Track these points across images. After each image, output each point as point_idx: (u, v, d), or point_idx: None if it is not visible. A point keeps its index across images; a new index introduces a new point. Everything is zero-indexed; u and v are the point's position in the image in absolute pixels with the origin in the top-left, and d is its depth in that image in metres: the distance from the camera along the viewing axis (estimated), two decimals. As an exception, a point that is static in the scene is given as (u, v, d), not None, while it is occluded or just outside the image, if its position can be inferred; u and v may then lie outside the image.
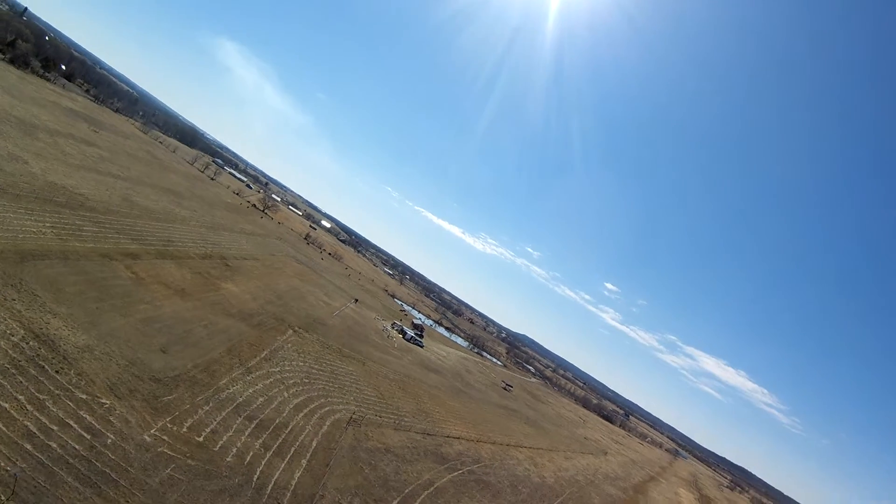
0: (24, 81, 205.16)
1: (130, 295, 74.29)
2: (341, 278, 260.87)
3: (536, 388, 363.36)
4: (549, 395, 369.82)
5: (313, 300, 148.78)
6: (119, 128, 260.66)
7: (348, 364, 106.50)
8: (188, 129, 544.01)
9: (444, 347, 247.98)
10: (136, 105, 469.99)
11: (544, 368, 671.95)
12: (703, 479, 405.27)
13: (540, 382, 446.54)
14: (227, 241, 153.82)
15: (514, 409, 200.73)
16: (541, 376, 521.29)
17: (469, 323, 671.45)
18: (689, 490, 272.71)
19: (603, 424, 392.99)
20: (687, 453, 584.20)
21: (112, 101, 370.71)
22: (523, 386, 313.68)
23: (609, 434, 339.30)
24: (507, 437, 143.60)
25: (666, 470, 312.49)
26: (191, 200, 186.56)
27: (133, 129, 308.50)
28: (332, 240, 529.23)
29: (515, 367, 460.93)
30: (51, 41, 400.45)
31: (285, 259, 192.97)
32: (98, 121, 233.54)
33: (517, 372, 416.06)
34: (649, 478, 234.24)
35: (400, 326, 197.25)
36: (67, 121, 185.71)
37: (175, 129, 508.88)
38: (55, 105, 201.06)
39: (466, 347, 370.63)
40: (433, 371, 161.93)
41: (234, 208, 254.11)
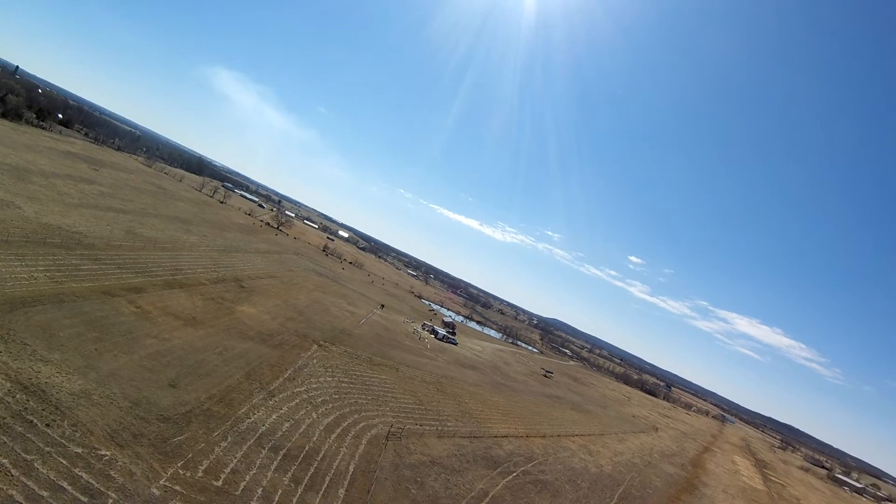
0: (17, 132, 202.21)
1: (134, 331, 68.32)
2: (365, 286, 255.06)
3: (576, 371, 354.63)
4: (589, 376, 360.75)
5: (337, 311, 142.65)
6: (121, 164, 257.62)
7: (381, 372, 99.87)
8: (194, 159, 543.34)
9: (478, 342, 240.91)
10: (138, 142, 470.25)
11: (580, 350, 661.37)
12: (755, 443, 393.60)
13: (578, 365, 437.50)
14: (240, 262, 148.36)
15: (558, 395, 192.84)
16: (578, 358, 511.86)
17: (499, 314, 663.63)
18: (744, 456, 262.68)
19: (648, 399, 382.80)
20: (733, 418, 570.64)
21: (112, 141, 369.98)
22: (563, 370, 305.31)
23: (655, 408, 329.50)
24: (556, 427, 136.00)
25: (717, 438, 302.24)
26: (199, 226, 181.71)
27: (136, 163, 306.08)
28: (352, 249, 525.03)
29: (552, 352, 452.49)
30: (44, 93, 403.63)
31: (304, 273, 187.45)
32: (98, 160, 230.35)
33: (554, 357, 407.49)
34: (703, 449, 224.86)
35: (431, 327, 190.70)
36: (65, 163, 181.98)
37: (181, 160, 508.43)
38: (52, 150, 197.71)
39: (500, 339, 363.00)
40: (470, 368, 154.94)
41: (247, 229, 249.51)
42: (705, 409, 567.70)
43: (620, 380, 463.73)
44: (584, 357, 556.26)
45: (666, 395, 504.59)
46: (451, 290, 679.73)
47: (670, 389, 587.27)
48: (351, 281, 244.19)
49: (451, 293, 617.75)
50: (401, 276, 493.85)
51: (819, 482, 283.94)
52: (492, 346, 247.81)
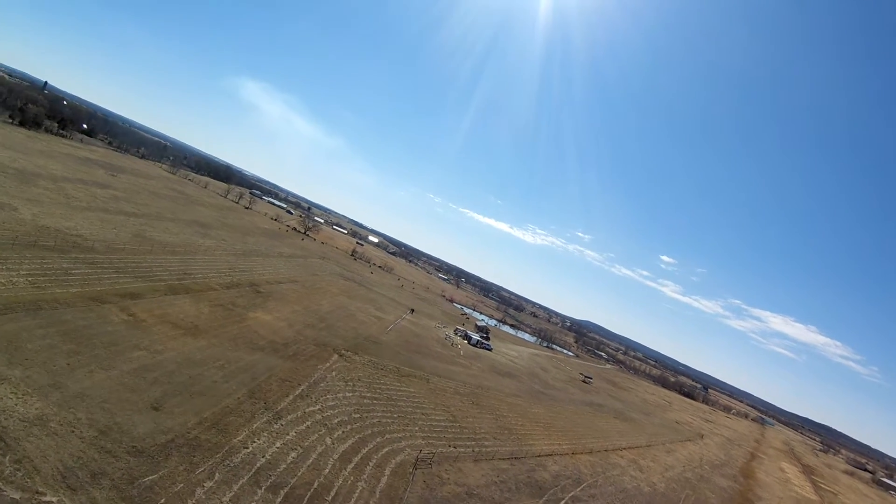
0: (32, 139, 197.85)
1: (119, 342, 58.73)
2: (394, 290, 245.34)
3: (614, 374, 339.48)
4: (627, 380, 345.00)
5: (363, 317, 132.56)
6: (142, 171, 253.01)
7: (409, 384, 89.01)
8: (221, 167, 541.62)
9: (513, 347, 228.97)
10: (165, 151, 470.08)
11: (615, 352, 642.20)
12: (797, 447, 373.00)
13: (615, 368, 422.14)
14: (259, 266, 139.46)
15: (600, 403, 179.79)
16: (614, 361, 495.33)
17: (532, 317, 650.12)
18: (791, 462, 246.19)
19: (687, 403, 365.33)
20: (772, 420, 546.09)
21: (137, 150, 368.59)
22: (600, 374, 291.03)
23: (696, 413, 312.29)
24: (602, 439, 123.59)
25: (761, 443, 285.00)
26: (220, 230, 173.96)
27: (160, 171, 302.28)
28: (382, 253, 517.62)
29: (587, 355, 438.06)
30: (69, 105, 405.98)
31: (329, 277, 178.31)
32: (118, 166, 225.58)
33: (590, 360, 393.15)
34: (750, 456, 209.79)
35: (464, 332, 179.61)
36: (80, 168, 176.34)
37: (208, 169, 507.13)
38: (69, 156, 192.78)
39: (535, 343, 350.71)
40: (507, 375, 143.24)
41: (272, 233, 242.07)
42: (744, 411, 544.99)
43: (658, 383, 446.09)
44: (619, 360, 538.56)
45: (704, 397, 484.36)
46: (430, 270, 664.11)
47: (707, 391, 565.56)
48: (379, 285, 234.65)
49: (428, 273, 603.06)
50: (432, 280, 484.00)
51: (866, 487, 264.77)
52: (528, 351, 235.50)
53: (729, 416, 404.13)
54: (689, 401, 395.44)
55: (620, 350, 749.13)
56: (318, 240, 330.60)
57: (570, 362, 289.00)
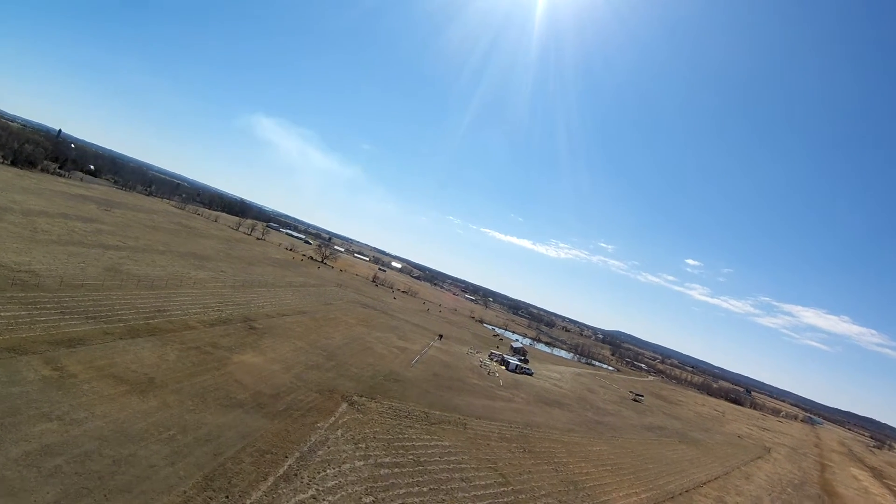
0: (21, 177, 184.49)
1: (23, 410, 40.12)
2: (419, 315, 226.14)
3: (659, 387, 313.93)
4: (674, 392, 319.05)
5: (383, 349, 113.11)
6: (144, 206, 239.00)
7: (441, 435, 68.80)
8: (236, 202, 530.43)
9: (553, 367, 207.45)
10: (177, 189, 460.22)
11: (653, 362, 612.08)
12: (853, 446, 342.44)
13: (657, 379, 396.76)
14: (260, 298, 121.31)
15: (659, 425, 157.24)
16: (654, 371, 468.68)
17: (564, 332, 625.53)
18: (857, 466, 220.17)
19: (738, 411, 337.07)
20: (820, 419, 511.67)
21: (146, 188, 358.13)
22: (647, 388, 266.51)
23: (750, 421, 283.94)
24: (678, 475, 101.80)
25: (821, 447, 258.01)
26: (220, 262, 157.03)
27: (167, 206, 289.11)
28: (405, 278, 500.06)
29: (628, 368, 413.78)
30: (76, 148, 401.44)
31: (346, 306, 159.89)
32: (117, 202, 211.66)
33: (631, 373, 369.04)
34: (821, 466, 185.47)
35: (499, 356, 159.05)
36: (68, 203, 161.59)
37: (221, 204, 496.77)
38: (59, 193, 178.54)
39: (573, 360, 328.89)
40: (555, 405, 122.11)
41: (283, 263, 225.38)
42: (792, 413, 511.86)
43: (702, 391, 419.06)
44: (659, 370, 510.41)
45: (752, 402, 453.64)
46: (457, 291, 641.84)
47: (750, 395, 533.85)
48: (403, 311, 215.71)
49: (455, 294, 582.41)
50: (458, 302, 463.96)
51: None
52: (569, 371, 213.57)
53: (780, 420, 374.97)
54: (738, 408, 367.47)
55: (657, 359, 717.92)
56: (336, 268, 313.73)
57: (614, 378, 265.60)
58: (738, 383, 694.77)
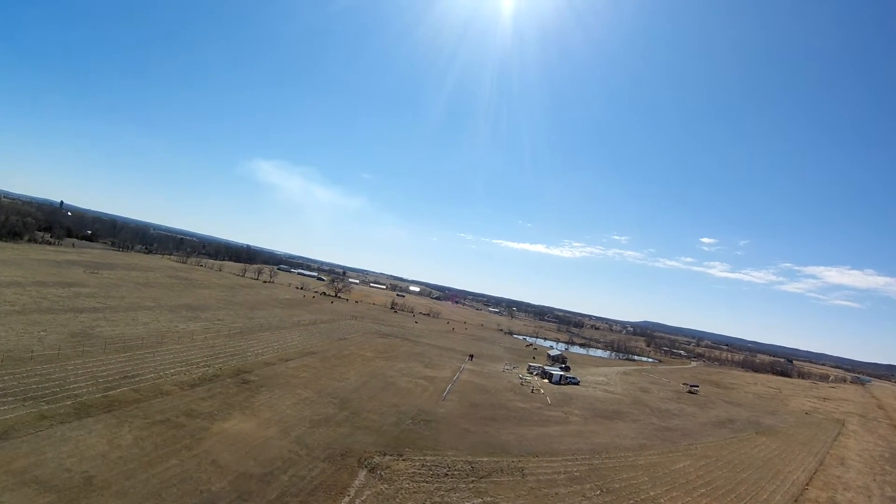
0: (2, 249, 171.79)
1: None
2: (444, 336, 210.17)
3: (706, 373, 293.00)
4: (721, 374, 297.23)
5: (407, 382, 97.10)
6: (140, 264, 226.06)
7: (496, 493, 52.05)
8: (242, 249, 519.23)
9: (595, 370, 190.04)
10: (181, 244, 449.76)
11: (687, 346, 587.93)
12: None
13: (699, 363, 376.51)
14: (261, 344, 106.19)
15: (728, 418, 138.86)
16: (693, 357, 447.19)
17: (594, 330, 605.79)
18: None
19: (791, 384, 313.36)
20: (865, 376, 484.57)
21: (148, 246, 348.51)
22: (695, 376, 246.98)
23: (806, 392, 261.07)
24: (775, 479, 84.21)
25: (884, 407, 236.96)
26: (218, 310, 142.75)
27: (167, 262, 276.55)
28: (426, 301, 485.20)
29: (668, 357, 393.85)
30: (74, 215, 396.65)
31: (362, 338, 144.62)
32: (108, 264, 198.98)
33: (672, 362, 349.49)
34: None
35: (539, 368, 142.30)
36: (49, 270, 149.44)
37: (227, 253, 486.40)
38: (43, 262, 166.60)
39: (611, 358, 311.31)
40: (616, 417, 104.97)
41: (292, 303, 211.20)
42: (840, 376, 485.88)
43: (746, 368, 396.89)
44: (697, 354, 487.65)
45: (799, 373, 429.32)
46: (452, 299, 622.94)
47: (791, 364, 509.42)
48: (427, 334, 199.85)
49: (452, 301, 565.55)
50: (483, 316, 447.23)
51: None
52: (613, 372, 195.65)
53: (833, 386, 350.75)
54: (788, 380, 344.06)
55: (692, 342, 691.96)
56: (351, 300, 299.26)
57: (659, 371, 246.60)
58: (776, 354, 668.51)
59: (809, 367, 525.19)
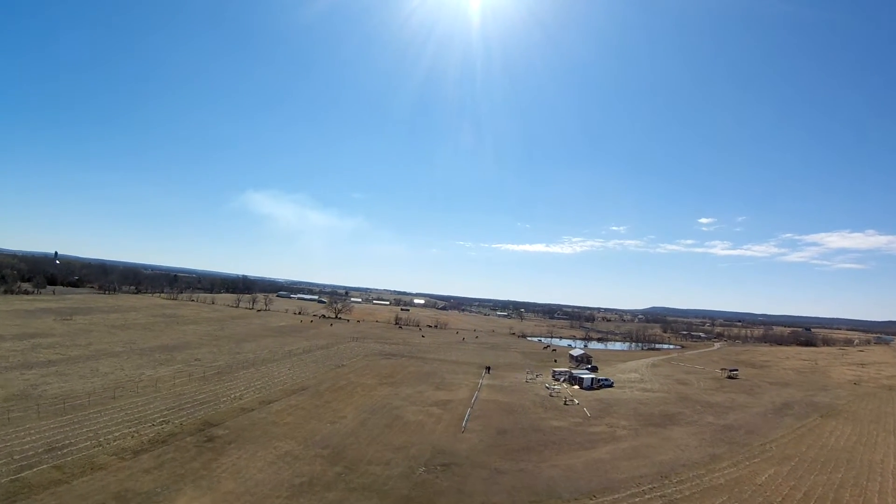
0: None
1: None
2: (455, 348, 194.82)
3: (735, 353, 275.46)
4: (750, 352, 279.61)
5: (417, 412, 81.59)
6: (123, 305, 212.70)
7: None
8: (238, 280, 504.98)
9: (622, 366, 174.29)
10: (175, 281, 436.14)
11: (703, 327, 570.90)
12: None
13: (723, 344, 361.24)
14: (241, 384, 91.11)
15: (783, 402, 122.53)
16: (713, 337, 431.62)
17: (606, 322, 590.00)
18: None
19: (820, 353, 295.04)
20: (886, 336, 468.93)
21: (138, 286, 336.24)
22: (725, 358, 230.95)
23: (842, 360, 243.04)
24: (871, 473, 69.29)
25: None
26: (199, 348, 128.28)
27: (156, 300, 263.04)
28: (431, 312, 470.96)
29: (690, 342, 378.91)
30: (62, 264, 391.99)
31: (363, 363, 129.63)
32: (86, 308, 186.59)
33: (696, 346, 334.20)
34: None
35: (566, 373, 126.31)
36: (14, 322, 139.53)
37: (223, 286, 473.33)
38: (12, 312, 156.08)
39: (631, 349, 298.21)
40: (667, 421, 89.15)
41: (287, 330, 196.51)
42: (864, 338, 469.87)
43: (771, 343, 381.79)
44: (717, 334, 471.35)
45: (825, 340, 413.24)
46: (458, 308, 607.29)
47: (811, 333, 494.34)
48: (435, 349, 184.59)
49: None
50: (492, 322, 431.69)
51: None
52: (642, 365, 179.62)
53: (861, 350, 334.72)
54: (817, 350, 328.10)
55: (706, 323, 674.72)
56: (352, 320, 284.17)
57: (687, 358, 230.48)
58: (790, 325, 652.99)
59: (830, 333, 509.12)
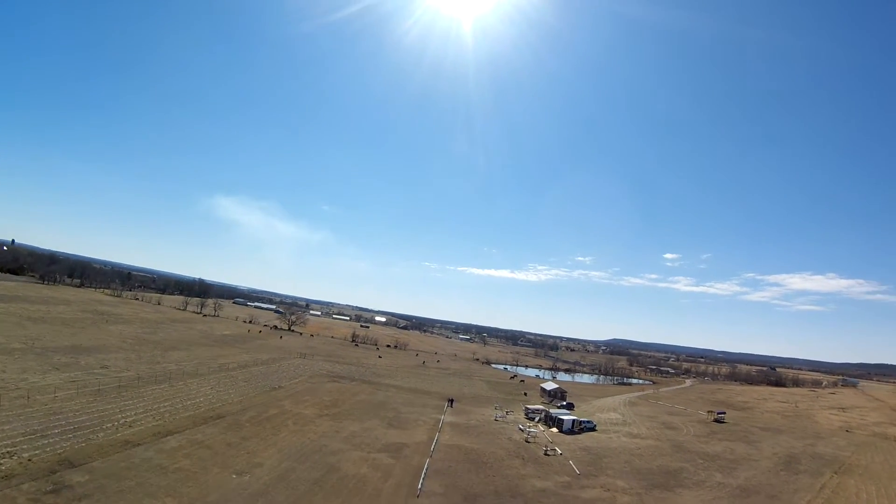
0: None
1: None
2: (414, 373, 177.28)
3: (708, 391, 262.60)
4: (726, 392, 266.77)
5: (361, 463, 63.25)
6: (55, 297, 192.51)
7: None
8: (193, 283, 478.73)
9: (598, 403, 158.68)
10: (129, 279, 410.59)
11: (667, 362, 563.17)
12: None
13: (695, 381, 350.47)
14: (143, 403, 72.69)
15: (788, 454, 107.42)
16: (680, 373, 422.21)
17: (569, 352, 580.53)
18: None
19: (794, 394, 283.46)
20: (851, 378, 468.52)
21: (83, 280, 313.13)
22: (703, 397, 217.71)
23: (819, 404, 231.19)
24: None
25: None
26: (113, 353, 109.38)
27: (96, 295, 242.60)
28: (392, 331, 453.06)
29: (660, 377, 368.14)
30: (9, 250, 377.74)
31: (305, 386, 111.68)
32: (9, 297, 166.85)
33: (667, 382, 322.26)
34: None
35: (540, 412, 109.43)
36: None
37: (178, 287, 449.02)
38: None
39: (599, 382, 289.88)
40: (671, 481, 72.62)
41: (230, 339, 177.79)
42: (831, 380, 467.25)
43: (741, 382, 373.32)
44: (685, 370, 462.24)
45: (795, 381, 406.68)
46: None
47: (776, 371, 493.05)
48: (392, 372, 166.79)
49: None
50: (454, 345, 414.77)
51: None
52: (619, 403, 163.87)
53: (833, 392, 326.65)
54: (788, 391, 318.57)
55: (671, 358, 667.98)
56: (305, 333, 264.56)
57: (664, 396, 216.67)
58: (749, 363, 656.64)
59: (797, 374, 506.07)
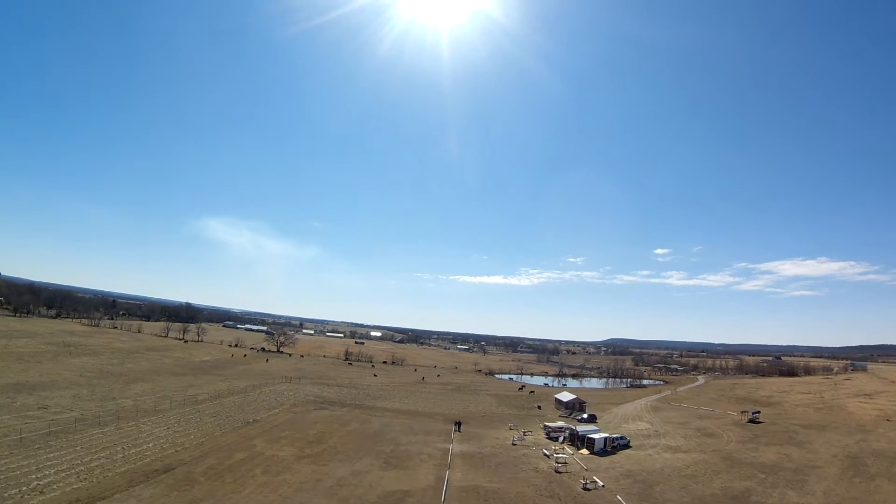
0: None
1: None
2: (413, 392, 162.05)
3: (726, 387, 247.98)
4: (743, 387, 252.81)
5: None
6: (25, 330, 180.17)
7: None
8: (180, 308, 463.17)
9: (618, 411, 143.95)
10: (112, 308, 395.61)
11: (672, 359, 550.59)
12: None
13: (707, 377, 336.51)
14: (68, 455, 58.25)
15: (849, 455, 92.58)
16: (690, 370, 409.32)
17: (571, 355, 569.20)
18: None
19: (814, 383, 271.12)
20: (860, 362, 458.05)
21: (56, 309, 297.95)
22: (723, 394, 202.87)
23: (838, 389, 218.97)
24: None
25: None
26: (60, 389, 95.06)
27: (69, 326, 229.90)
28: (388, 346, 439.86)
29: (670, 375, 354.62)
30: None
31: (286, 416, 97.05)
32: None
33: (681, 381, 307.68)
34: None
35: (564, 429, 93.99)
36: None
37: (163, 313, 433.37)
38: None
39: (610, 386, 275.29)
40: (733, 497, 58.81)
41: (208, 366, 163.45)
42: (840, 366, 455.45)
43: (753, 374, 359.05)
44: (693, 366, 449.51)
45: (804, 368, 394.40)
46: None
47: (781, 360, 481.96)
48: (389, 393, 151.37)
49: None
50: (453, 356, 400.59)
51: None
52: (640, 408, 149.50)
53: (848, 378, 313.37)
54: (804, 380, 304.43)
55: (675, 354, 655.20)
56: (295, 354, 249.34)
57: (684, 397, 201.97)
58: (750, 353, 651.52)
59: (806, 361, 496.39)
